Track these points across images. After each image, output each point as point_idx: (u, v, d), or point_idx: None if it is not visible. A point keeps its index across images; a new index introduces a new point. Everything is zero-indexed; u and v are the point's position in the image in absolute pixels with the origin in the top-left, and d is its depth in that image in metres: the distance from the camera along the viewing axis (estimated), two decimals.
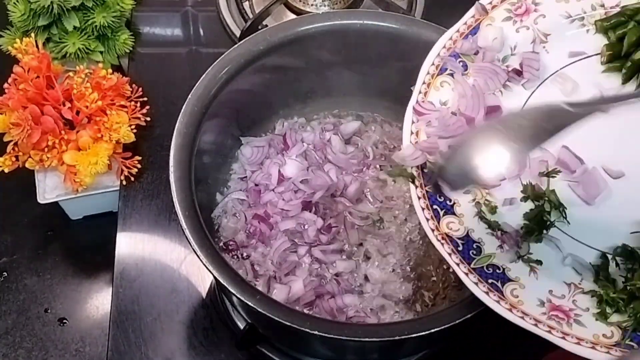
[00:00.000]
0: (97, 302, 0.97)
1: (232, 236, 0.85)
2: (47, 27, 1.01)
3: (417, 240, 0.85)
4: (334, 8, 1.09)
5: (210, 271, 0.67)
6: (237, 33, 1.08)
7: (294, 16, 1.09)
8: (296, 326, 0.64)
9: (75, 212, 1.02)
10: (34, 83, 0.90)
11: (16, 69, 0.91)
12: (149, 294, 0.88)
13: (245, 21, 1.09)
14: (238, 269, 0.80)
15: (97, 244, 1.01)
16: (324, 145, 0.91)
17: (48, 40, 1.02)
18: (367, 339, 0.64)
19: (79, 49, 1.01)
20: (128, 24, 1.10)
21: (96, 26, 1.01)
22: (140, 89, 0.96)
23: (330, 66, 0.89)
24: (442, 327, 0.64)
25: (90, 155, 0.89)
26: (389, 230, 0.86)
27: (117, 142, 0.92)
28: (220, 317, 0.87)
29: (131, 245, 0.92)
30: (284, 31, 0.83)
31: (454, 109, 0.70)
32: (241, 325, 0.85)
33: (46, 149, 0.90)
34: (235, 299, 0.68)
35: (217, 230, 0.86)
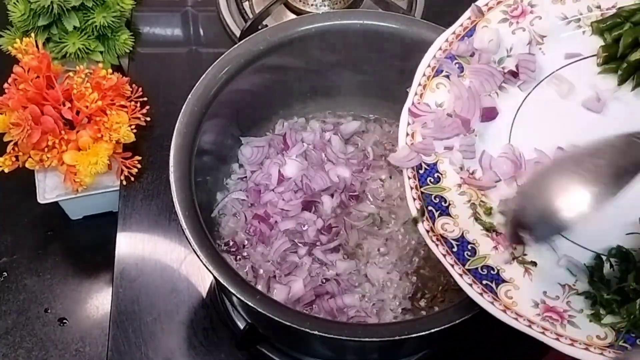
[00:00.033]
0: (97, 302, 0.97)
1: (232, 236, 0.85)
2: (47, 27, 1.01)
3: (417, 240, 0.85)
4: (334, 8, 1.09)
5: (210, 271, 0.67)
6: (237, 33, 1.08)
7: (294, 16, 1.09)
8: (296, 326, 0.64)
9: (75, 212, 1.02)
10: (34, 83, 0.90)
11: (16, 69, 0.91)
12: (149, 294, 0.88)
13: (245, 21, 1.09)
14: (238, 269, 0.81)
15: (97, 244, 1.01)
16: (324, 145, 0.91)
17: (48, 40, 1.02)
18: (367, 339, 0.64)
19: (79, 49, 1.01)
20: (128, 24, 1.10)
21: (96, 26, 1.01)
22: (140, 89, 0.96)
23: (330, 66, 0.89)
24: (442, 327, 0.64)
25: (90, 155, 0.89)
26: (389, 230, 0.86)
27: (117, 142, 0.92)
28: (220, 317, 0.87)
29: (131, 245, 0.92)
30: (284, 31, 0.83)
31: (450, 110, 0.70)
32: (241, 325, 0.85)
33: (46, 149, 0.90)
34: (235, 299, 0.69)
35: (217, 230, 0.86)
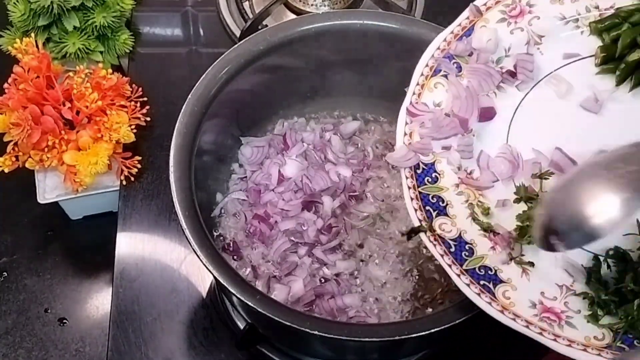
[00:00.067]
0: (97, 302, 0.97)
1: (232, 236, 0.85)
2: (47, 27, 1.01)
3: (417, 240, 0.85)
4: (334, 8, 1.09)
5: (210, 271, 0.67)
6: (237, 33, 1.08)
7: (294, 16, 1.09)
8: (296, 326, 0.64)
9: (75, 212, 1.02)
10: (34, 83, 0.90)
11: (16, 69, 0.91)
12: (149, 294, 0.88)
13: (245, 21, 1.09)
14: (238, 269, 0.81)
15: (97, 244, 1.01)
16: (324, 145, 0.91)
17: (48, 40, 1.02)
18: (367, 339, 0.64)
19: (79, 49, 1.01)
20: (128, 24, 1.10)
21: (96, 26, 1.01)
22: (140, 89, 0.96)
23: (330, 66, 0.89)
24: (442, 327, 0.64)
25: (90, 155, 0.89)
26: (389, 230, 0.86)
27: (117, 142, 0.92)
28: (220, 317, 0.87)
29: (131, 245, 0.92)
30: (284, 31, 0.83)
31: (448, 110, 0.70)
32: (241, 325, 0.85)
33: (46, 149, 0.90)
34: (235, 299, 0.68)
35: (217, 230, 0.86)
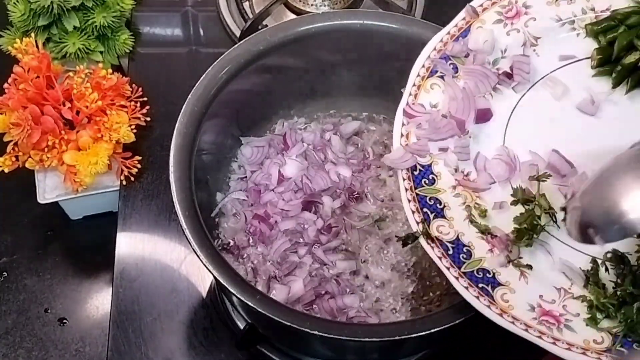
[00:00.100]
0: (97, 302, 0.97)
1: (232, 236, 0.85)
2: (47, 27, 1.01)
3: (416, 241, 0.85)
4: (334, 8, 1.09)
5: (210, 271, 0.67)
6: (237, 33, 1.08)
7: (294, 16, 1.09)
8: (296, 326, 0.64)
9: (75, 212, 1.02)
10: (34, 83, 0.90)
11: (16, 69, 0.91)
12: (149, 294, 0.88)
13: (245, 21, 1.09)
14: (238, 269, 0.81)
15: (97, 244, 1.01)
16: (324, 145, 0.91)
17: (48, 40, 1.02)
18: (367, 339, 0.64)
19: (79, 49, 1.01)
20: (128, 24, 1.10)
21: (96, 26, 1.01)
22: (140, 89, 0.96)
23: (330, 66, 0.89)
24: (442, 327, 0.64)
25: (90, 155, 0.89)
26: (390, 230, 0.86)
27: (117, 142, 0.92)
28: (220, 317, 0.87)
29: (131, 245, 0.92)
30: (284, 31, 0.83)
31: (445, 111, 0.70)
32: (241, 325, 0.85)
33: (46, 149, 0.90)
34: (235, 299, 0.68)
35: (217, 230, 0.86)
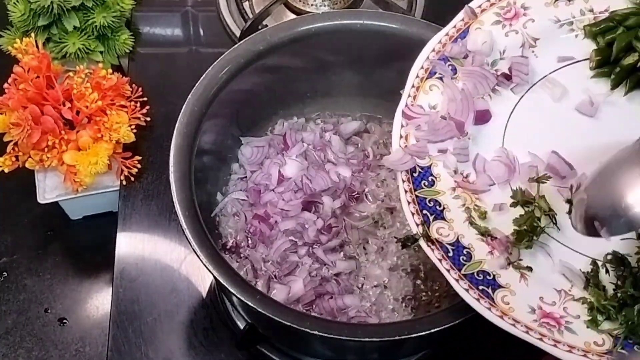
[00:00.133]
0: (97, 302, 0.97)
1: (232, 236, 0.85)
2: (47, 27, 1.01)
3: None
4: (334, 8, 1.09)
5: (210, 271, 0.67)
6: (237, 33, 1.08)
7: (294, 16, 1.09)
8: (296, 326, 0.64)
9: (75, 212, 1.02)
10: (34, 83, 0.90)
11: (16, 69, 0.91)
12: (149, 294, 0.88)
13: (245, 21, 1.09)
14: (238, 269, 0.81)
15: (97, 244, 1.01)
16: (324, 145, 0.91)
17: (48, 40, 1.02)
18: (367, 339, 0.64)
19: (79, 49, 1.01)
20: (128, 24, 1.10)
21: (96, 26, 1.01)
22: (140, 89, 0.96)
23: (330, 66, 0.89)
24: (442, 327, 0.64)
25: (90, 155, 0.89)
26: (390, 230, 0.86)
27: (117, 142, 0.92)
28: (220, 317, 0.87)
29: (131, 245, 0.92)
30: (284, 31, 0.83)
31: (444, 112, 0.69)
32: (241, 325, 0.85)
33: (46, 149, 0.89)
34: (235, 299, 0.69)
35: (217, 230, 0.86)
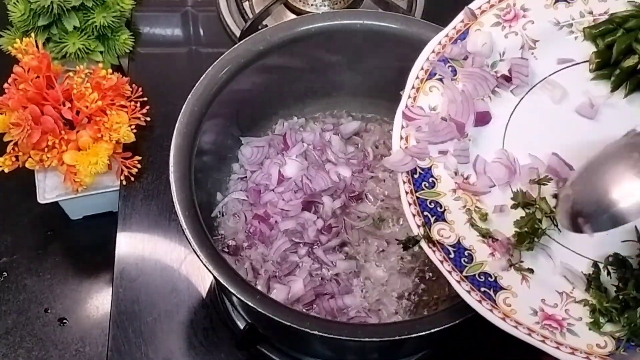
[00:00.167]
0: (97, 302, 0.97)
1: (232, 236, 0.85)
2: (47, 27, 1.01)
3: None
4: (334, 8, 1.09)
5: (210, 271, 0.67)
6: (237, 33, 1.08)
7: (294, 16, 1.09)
8: (296, 326, 0.64)
9: (75, 212, 1.02)
10: (34, 83, 0.90)
11: (16, 69, 0.91)
12: (149, 294, 0.88)
13: (245, 21, 1.09)
14: (238, 269, 0.81)
15: (97, 244, 1.01)
16: (324, 145, 0.91)
17: (48, 40, 1.02)
18: (367, 339, 0.64)
19: (79, 49, 1.01)
20: (128, 24, 1.10)
21: (96, 26, 1.01)
22: (140, 89, 0.96)
23: (330, 66, 0.89)
24: (442, 327, 0.64)
25: (90, 155, 0.89)
26: (390, 230, 0.86)
27: (117, 142, 0.92)
28: (220, 317, 0.87)
29: (131, 245, 0.92)
30: (284, 31, 0.83)
31: (444, 114, 0.69)
32: (241, 325, 0.85)
33: (46, 149, 0.89)
34: (235, 299, 0.69)
35: (217, 230, 0.86)
